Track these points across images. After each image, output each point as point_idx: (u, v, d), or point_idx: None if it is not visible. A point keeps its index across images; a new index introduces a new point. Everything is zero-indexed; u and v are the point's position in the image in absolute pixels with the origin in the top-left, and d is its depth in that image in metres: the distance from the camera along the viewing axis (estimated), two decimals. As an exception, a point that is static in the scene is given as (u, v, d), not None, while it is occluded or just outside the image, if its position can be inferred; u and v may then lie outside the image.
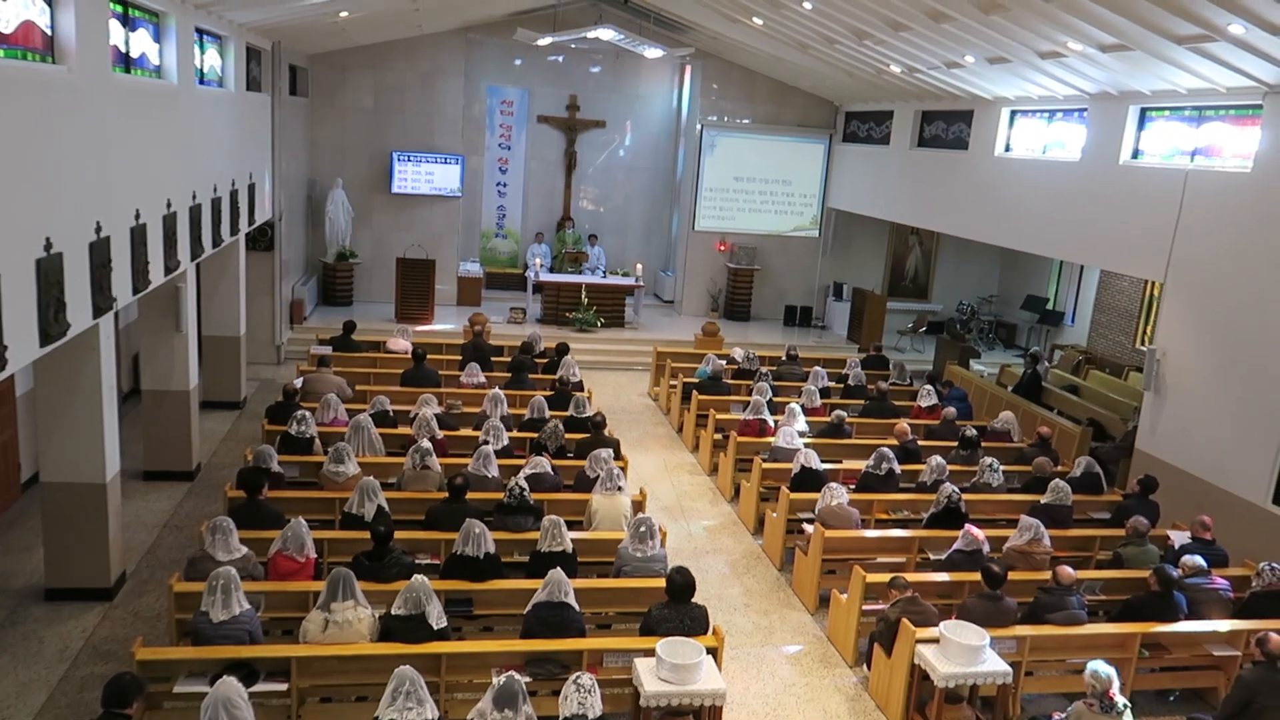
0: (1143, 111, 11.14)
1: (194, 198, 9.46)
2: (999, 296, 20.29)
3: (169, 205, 8.53)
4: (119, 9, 7.85)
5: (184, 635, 5.97)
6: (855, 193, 18.49)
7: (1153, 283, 14.73)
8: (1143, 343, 15.30)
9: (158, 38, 8.87)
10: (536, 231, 19.85)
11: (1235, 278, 9.40)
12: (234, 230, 11.52)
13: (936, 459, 9.44)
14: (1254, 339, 9.10)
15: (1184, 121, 10.62)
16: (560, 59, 19.61)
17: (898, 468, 9.50)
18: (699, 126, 19.23)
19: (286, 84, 14.80)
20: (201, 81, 10.34)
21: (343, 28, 14.33)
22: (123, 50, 7.95)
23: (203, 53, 10.46)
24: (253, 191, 12.65)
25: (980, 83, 13.39)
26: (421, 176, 18.05)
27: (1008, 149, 14.02)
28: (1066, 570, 6.96)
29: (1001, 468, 9.45)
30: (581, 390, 12.05)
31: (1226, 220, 9.56)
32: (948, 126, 15.59)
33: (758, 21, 14.06)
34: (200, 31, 10.24)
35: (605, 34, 15.75)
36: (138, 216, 7.64)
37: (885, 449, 9.58)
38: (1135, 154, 11.24)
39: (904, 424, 10.76)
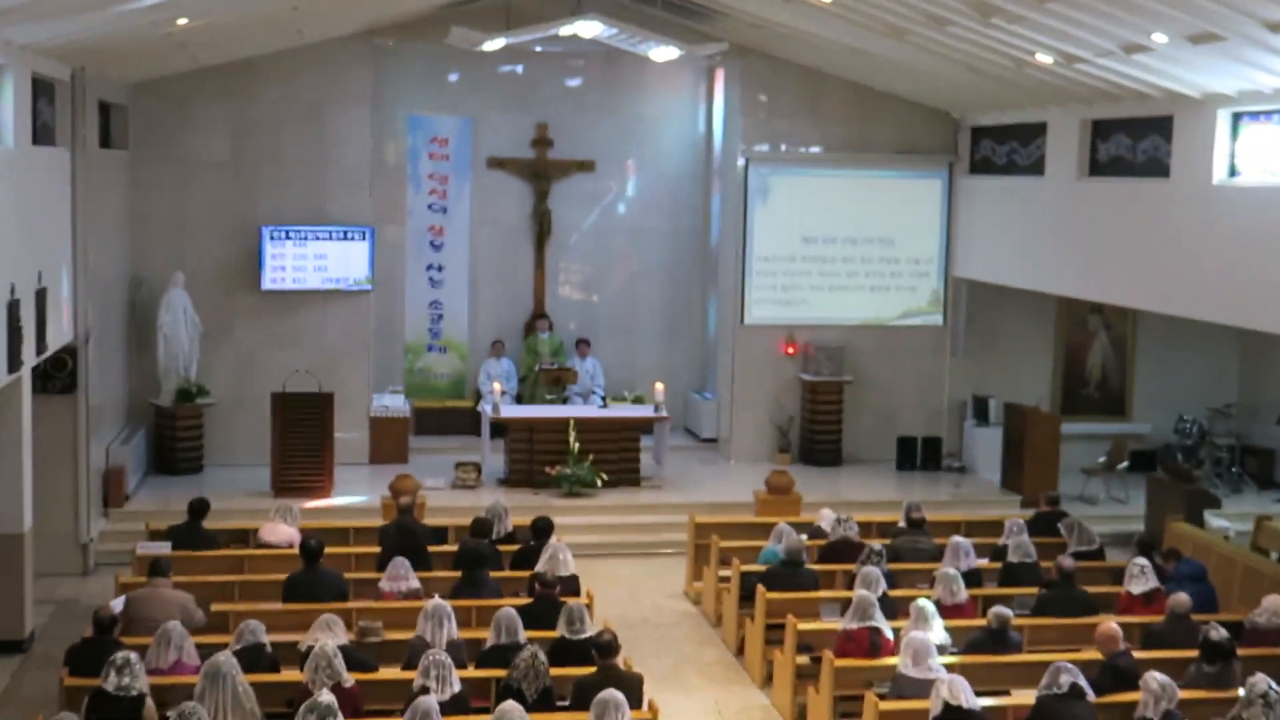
0: None
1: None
2: (1240, 407, 20.19)
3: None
4: None
5: None
6: (996, 252, 18.71)
7: None
8: None
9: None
10: (493, 340, 20.02)
11: None
12: (13, 364, 11.57)
13: (1161, 680, 9.22)
14: None
15: None
16: (519, 69, 20.10)
17: (1088, 687, 9.36)
18: (742, 161, 19.56)
19: (95, 130, 15.24)
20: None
21: (182, 41, 14.60)
22: None
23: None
24: (43, 301, 12.74)
25: (1181, 72, 13.59)
26: (309, 262, 18.52)
27: (1233, 173, 14.14)
28: None
29: (1278, 691, 9.05)
30: (577, 594, 11.85)
31: None
32: (1134, 143, 15.80)
33: (825, -3, 14.37)
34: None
35: (589, 28, 16.13)
36: None
37: (1067, 663, 9.43)
38: None
39: (1110, 625, 10.51)
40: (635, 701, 9.29)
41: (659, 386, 18.86)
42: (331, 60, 18.47)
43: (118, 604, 10.80)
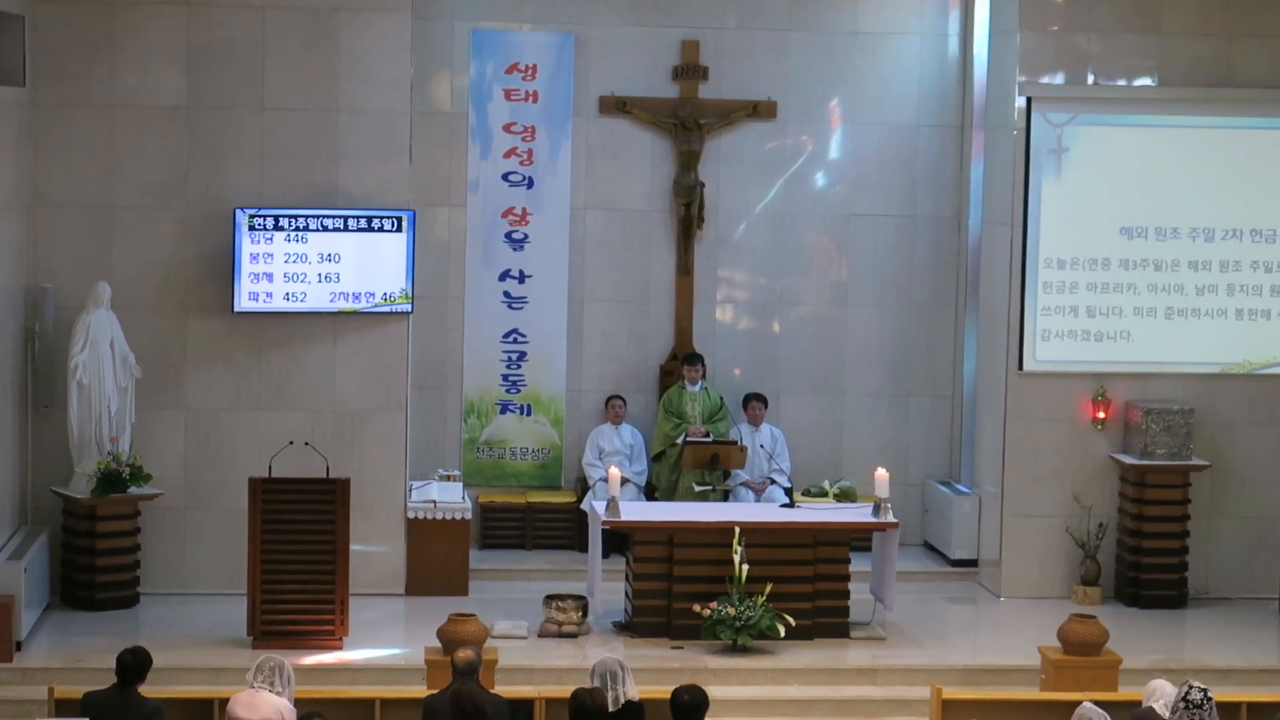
0: None
1: None
2: None
3: None
4: None
5: None
6: None
7: None
8: None
9: None
10: (609, 396, 17.68)
11: None
12: None
13: None
14: None
15: None
16: (654, -45, 18.32)
17: None
18: (1021, 104, 16.98)
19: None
20: None
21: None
22: None
23: None
24: None
25: None
26: (311, 268, 16.21)
27: None
28: None
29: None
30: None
31: None
32: None
33: None
34: None
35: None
36: None
37: None
38: None
39: None
40: None
41: (881, 474, 16.00)
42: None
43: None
